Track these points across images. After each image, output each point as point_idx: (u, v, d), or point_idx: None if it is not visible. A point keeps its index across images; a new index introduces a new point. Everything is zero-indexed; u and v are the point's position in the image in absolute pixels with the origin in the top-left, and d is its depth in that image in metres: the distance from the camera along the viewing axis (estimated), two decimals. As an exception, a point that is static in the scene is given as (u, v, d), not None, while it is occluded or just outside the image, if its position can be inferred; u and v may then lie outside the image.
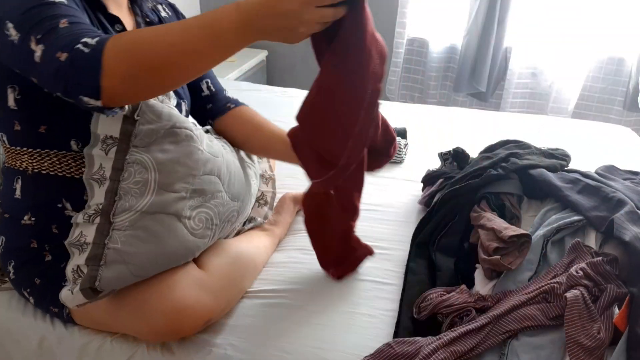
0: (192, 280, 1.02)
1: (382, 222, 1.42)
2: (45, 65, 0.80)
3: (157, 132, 0.99)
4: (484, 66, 2.56)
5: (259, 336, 1.05)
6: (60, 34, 0.80)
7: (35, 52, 0.81)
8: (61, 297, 0.98)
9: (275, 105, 2.12)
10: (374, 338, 1.04)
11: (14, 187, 1.05)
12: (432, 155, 1.69)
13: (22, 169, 1.04)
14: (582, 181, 1.34)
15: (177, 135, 1.00)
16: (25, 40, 0.82)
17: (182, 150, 1.01)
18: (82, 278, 0.95)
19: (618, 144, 1.86)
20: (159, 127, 0.99)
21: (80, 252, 0.97)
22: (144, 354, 1.04)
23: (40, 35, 0.81)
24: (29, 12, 0.83)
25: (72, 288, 0.96)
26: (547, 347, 0.97)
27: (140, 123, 0.98)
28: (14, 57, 0.86)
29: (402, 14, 2.65)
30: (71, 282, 0.97)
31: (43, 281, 1.05)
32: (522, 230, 1.14)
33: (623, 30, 2.41)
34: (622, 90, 2.52)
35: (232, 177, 1.14)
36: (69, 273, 0.97)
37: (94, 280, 0.95)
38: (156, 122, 0.99)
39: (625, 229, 1.12)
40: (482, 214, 1.24)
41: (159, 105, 1.00)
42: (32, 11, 0.83)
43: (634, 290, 0.99)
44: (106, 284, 0.96)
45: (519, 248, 1.15)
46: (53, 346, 1.09)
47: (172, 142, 1.00)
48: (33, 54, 0.81)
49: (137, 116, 0.97)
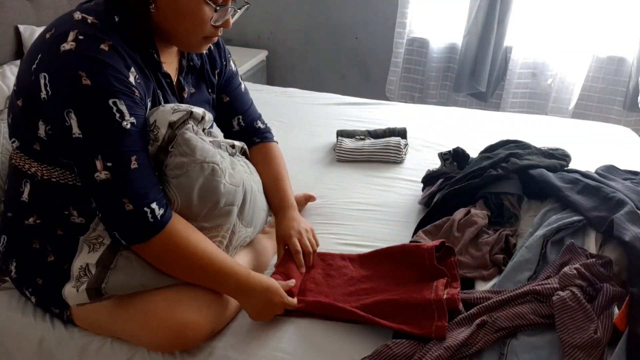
0: (197, 295, 1.03)
1: (382, 222, 1.42)
2: (103, 193, 0.93)
3: (188, 165, 0.99)
4: (484, 66, 2.56)
5: (259, 338, 1.05)
6: (130, 179, 0.93)
7: (98, 174, 0.91)
8: (64, 293, 0.98)
9: (275, 105, 2.11)
10: (374, 338, 1.04)
11: (22, 190, 1.04)
12: (432, 155, 1.69)
13: (30, 173, 1.03)
14: (582, 181, 1.34)
15: (204, 169, 1.01)
16: (90, 152, 0.91)
17: (206, 185, 1.02)
18: (89, 278, 0.96)
19: (618, 144, 1.86)
20: (190, 160, 1.00)
21: (92, 250, 0.98)
22: (144, 355, 1.04)
23: (110, 164, 0.91)
24: (98, 126, 0.91)
25: (78, 286, 0.96)
26: (547, 347, 0.97)
27: (172, 154, 0.99)
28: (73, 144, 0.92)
29: (402, 14, 2.65)
30: (75, 279, 0.97)
31: (45, 281, 1.06)
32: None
33: (623, 30, 2.41)
34: (622, 90, 2.52)
35: (248, 203, 1.15)
36: (75, 269, 0.97)
37: (100, 282, 0.96)
38: (189, 155, 1.00)
39: (625, 229, 1.12)
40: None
41: (194, 139, 1.01)
42: (103, 131, 0.91)
43: (634, 290, 0.99)
44: (112, 288, 0.97)
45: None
46: (52, 347, 1.09)
47: (199, 177, 1.00)
48: (95, 171, 0.91)
49: (172, 148, 0.99)
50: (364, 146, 1.71)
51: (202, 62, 1.21)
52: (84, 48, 0.89)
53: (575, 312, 0.97)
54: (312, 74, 3.07)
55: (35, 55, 0.93)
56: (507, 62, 2.61)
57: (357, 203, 1.49)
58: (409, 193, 1.55)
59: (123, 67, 0.93)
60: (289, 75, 3.10)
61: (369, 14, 2.81)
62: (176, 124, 0.99)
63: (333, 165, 1.70)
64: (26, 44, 1.59)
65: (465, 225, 1.26)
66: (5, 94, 1.40)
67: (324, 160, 1.73)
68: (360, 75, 2.99)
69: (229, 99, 1.31)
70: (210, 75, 1.24)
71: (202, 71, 1.22)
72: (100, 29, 0.93)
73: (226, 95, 1.30)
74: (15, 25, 1.59)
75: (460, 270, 1.16)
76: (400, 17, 2.65)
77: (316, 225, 1.40)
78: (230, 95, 1.31)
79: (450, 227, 1.25)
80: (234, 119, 1.33)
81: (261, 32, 3.05)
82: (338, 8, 2.85)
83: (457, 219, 1.27)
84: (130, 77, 0.94)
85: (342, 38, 2.92)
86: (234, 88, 1.32)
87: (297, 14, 2.93)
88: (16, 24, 1.59)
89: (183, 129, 1.00)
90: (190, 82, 1.19)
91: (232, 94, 1.32)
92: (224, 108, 1.31)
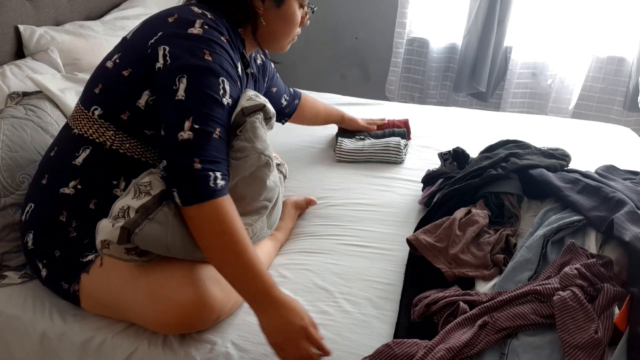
0: (211, 275, 1.04)
1: (382, 222, 1.42)
2: (178, 150, 0.98)
3: (249, 151, 1.08)
4: (484, 66, 2.56)
5: (259, 335, 1.05)
6: (209, 143, 1.00)
7: (182, 133, 0.98)
8: (98, 226, 1.00)
9: (275, 105, 2.11)
10: (374, 338, 1.05)
11: (77, 154, 1.08)
12: (432, 155, 1.69)
13: (99, 141, 1.07)
14: (582, 181, 1.34)
15: (261, 160, 1.10)
16: (184, 113, 0.99)
17: (257, 174, 1.10)
18: (126, 219, 0.98)
19: (618, 144, 1.86)
20: (252, 147, 1.08)
21: (137, 196, 1.00)
22: (145, 350, 1.04)
23: (198, 126, 0.99)
24: (204, 94, 1.01)
25: (113, 222, 0.98)
26: (547, 347, 0.97)
27: (238, 138, 1.09)
28: (168, 104, 1.01)
29: (402, 14, 2.65)
30: (112, 217, 1.00)
31: (62, 254, 1.07)
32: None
33: (623, 30, 2.41)
34: (622, 90, 2.52)
35: (276, 206, 1.22)
36: (116, 209, 1.00)
37: (135, 227, 0.98)
38: (252, 142, 1.08)
39: (625, 229, 1.12)
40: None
41: (261, 130, 1.11)
42: (206, 99, 1.01)
43: (634, 290, 0.99)
44: (141, 238, 0.98)
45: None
46: (53, 342, 1.09)
47: (254, 164, 1.09)
48: (179, 130, 0.98)
49: (239, 132, 1.09)
50: (364, 147, 1.71)
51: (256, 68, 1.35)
52: (210, 34, 1.05)
53: (576, 312, 0.97)
54: (312, 74, 3.07)
55: (154, 33, 1.06)
56: (507, 62, 2.61)
57: (357, 203, 1.49)
58: (409, 193, 1.55)
59: (235, 57, 1.10)
60: (289, 75, 3.10)
61: (369, 14, 2.81)
62: (248, 110, 1.09)
63: (333, 166, 1.70)
64: (26, 44, 1.59)
65: (467, 224, 1.26)
66: (5, 94, 1.40)
67: (324, 161, 1.73)
68: (360, 75, 2.99)
69: (276, 88, 1.55)
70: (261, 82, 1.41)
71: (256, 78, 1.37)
72: (220, 25, 1.09)
73: (273, 86, 1.53)
74: (15, 25, 1.59)
75: (462, 269, 1.16)
76: (400, 17, 2.65)
77: (316, 227, 1.40)
78: (275, 85, 1.54)
79: (450, 225, 1.25)
80: (282, 97, 1.59)
81: (261, 32, 3.05)
82: (338, 8, 2.85)
83: (458, 218, 1.27)
84: (238, 67, 1.12)
85: (342, 38, 2.92)
86: (276, 79, 1.55)
87: (297, 14, 2.93)
88: (16, 24, 1.59)
89: (253, 117, 1.10)
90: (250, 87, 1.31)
91: (276, 84, 1.55)
92: (272, 97, 1.53)
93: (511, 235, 1.27)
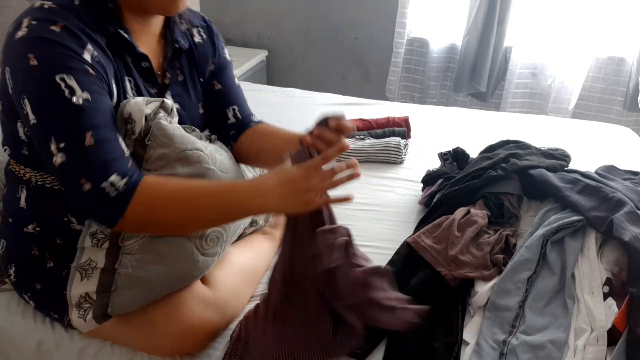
0: (198, 299, 1.02)
1: (382, 222, 1.42)
2: (64, 178, 0.87)
3: (169, 156, 0.96)
4: (484, 66, 2.56)
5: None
6: (85, 156, 0.85)
7: (55, 158, 0.86)
8: (73, 323, 0.98)
9: (275, 105, 2.12)
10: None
11: (19, 196, 1.03)
12: (432, 155, 1.69)
13: (25, 179, 1.01)
14: (582, 181, 1.34)
15: (189, 157, 0.98)
16: (44, 136, 0.86)
17: (195, 173, 0.98)
18: (92, 305, 0.95)
19: (618, 144, 1.86)
20: (171, 150, 0.96)
21: (86, 277, 0.96)
22: (144, 357, 1.04)
23: (63, 144, 0.85)
24: (48, 106, 0.85)
25: (82, 314, 0.96)
26: (547, 347, 0.97)
27: (151, 147, 0.96)
28: (31, 132, 0.90)
29: (402, 14, 2.65)
30: (75, 307, 0.96)
31: (44, 287, 1.05)
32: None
33: (623, 30, 2.41)
34: (622, 90, 2.52)
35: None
36: (74, 297, 0.96)
37: (106, 307, 0.96)
38: (168, 145, 0.96)
39: (624, 229, 1.12)
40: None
41: (170, 128, 0.97)
42: (53, 110, 0.85)
43: (633, 291, 0.99)
44: (118, 309, 0.97)
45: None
46: (52, 350, 1.08)
47: (185, 165, 0.98)
48: (52, 156, 0.86)
49: (149, 140, 0.96)
50: (364, 146, 1.71)
51: (191, 46, 1.13)
52: (35, 31, 0.86)
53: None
54: (312, 74, 3.07)
55: (2, 52, 0.91)
56: (507, 62, 2.61)
57: (357, 203, 1.48)
58: (409, 193, 1.55)
59: (76, 45, 0.88)
60: (289, 75, 3.10)
61: (369, 14, 2.81)
62: (150, 115, 0.95)
63: (333, 166, 1.69)
64: (26, 44, 1.59)
65: (466, 224, 1.26)
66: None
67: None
68: (360, 75, 2.99)
69: (221, 87, 1.19)
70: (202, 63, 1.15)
71: (192, 56, 1.13)
72: (55, 13, 0.89)
73: (219, 82, 1.18)
74: (16, 25, 1.59)
75: (461, 270, 1.16)
76: (400, 17, 2.65)
77: (316, 225, 1.39)
78: (223, 84, 1.20)
79: (449, 225, 1.25)
80: (229, 109, 1.20)
81: (261, 32, 3.05)
82: (338, 8, 2.85)
83: (457, 218, 1.27)
84: (85, 55, 0.88)
85: (342, 38, 2.92)
86: (228, 78, 1.21)
87: (297, 14, 2.93)
88: (16, 24, 1.60)
89: (156, 119, 0.96)
90: (178, 68, 1.10)
91: (226, 84, 1.20)
92: (215, 97, 1.19)
93: (511, 236, 1.27)
